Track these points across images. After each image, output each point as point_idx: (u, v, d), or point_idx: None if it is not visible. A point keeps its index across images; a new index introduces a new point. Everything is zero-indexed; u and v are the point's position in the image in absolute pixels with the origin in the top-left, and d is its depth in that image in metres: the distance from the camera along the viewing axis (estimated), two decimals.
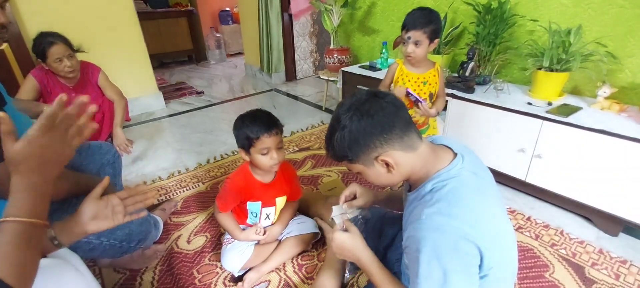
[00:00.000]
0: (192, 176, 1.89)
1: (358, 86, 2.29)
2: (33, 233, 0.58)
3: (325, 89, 2.81)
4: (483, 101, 1.58)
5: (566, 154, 1.37)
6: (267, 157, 1.07)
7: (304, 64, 3.93)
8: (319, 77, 3.32)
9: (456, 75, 1.76)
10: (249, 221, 1.24)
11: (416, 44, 1.18)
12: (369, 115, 0.69)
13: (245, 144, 1.07)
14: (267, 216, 1.25)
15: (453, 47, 2.01)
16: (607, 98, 1.41)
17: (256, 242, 1.23)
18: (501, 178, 1.63)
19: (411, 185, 0.78)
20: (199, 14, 5.09)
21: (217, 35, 5.14)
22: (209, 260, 1.28)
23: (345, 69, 2.33)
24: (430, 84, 1.30)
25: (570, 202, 1.43)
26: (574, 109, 1.41)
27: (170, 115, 2.90)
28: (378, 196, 1.03)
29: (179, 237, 1.40)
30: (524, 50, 1.56)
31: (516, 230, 1.39)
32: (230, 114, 2.86)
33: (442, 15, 1.90)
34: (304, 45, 3.88)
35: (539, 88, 1.55)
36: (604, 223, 1.37)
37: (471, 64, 1.69)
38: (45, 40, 1.79)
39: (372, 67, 2.27)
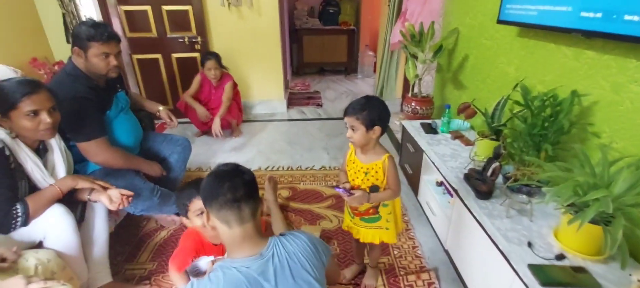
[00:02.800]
0: None
1: (407, 144, 2.16)
2: (57, 196, 1.22)
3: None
4: (476, 215, 1.27)
5: None
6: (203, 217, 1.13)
7: None
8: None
9: (480, 170, 1.44)
10: None
11: (353, 129, 1.18)
12: (213, 180, 0.85)
13: (183, 210, 1.24)
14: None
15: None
16: None
17: None
18: None
19: None
20: (359, 31, 5.64)
21: (370, 53, 5.55)
22: None
23: (405, 122, 2.23)
24: (372, 176, 1.22)
25: None
26: (581, 282, 0.95)
27: (284, 120, 3.61)
28: None
29: None
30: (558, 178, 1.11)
31: None
32: (321, 133, 3.25)
33: (503, 97, 1.56)
34: (427, 79, 3.70)
35: (564, 231, 1.09)
36: None
37: (494, 165, 1.35)
38: (205, 56, 2.86)
39: (431, 128, 2.08)
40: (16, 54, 2.20)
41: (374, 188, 1.23)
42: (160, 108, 2.07)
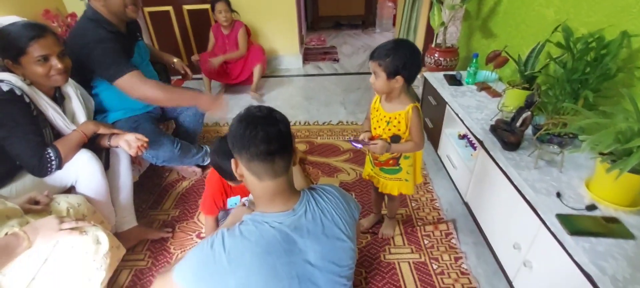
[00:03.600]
0: None
1: (429, 97, 2.08)
2: (82, 140, 1.24)
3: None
4: (502, 166, 1.22)
5: (554, 281, 0.96)
6: None
7: None
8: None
9: (508, 121, 1.36)
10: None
11: (375, 74, 1.10)
12: (245, 126, 0.75)
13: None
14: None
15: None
16: None
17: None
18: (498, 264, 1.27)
19: None
20: None
21: (389, 4, 5.22)
22: None
23: (427, 74, 2.12)
24: (394, 125, 1.17)
25: None
26: (613, 232, 0.91)
27: (300, 75, 3.53)
28: None
29: None
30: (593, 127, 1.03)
31: None
32: (337, 88, 3.16)
33: (539, 43, 1.43)
34: (452, 29, 3.47)
35: (598, 181, 1.04)
36: None
37: (525, 114, 1.27)
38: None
39: (456, 80, 1.97)
40: (28, 5, 2.18)
41: (396, 139, 1.19)
42: (175, 60, 2.03)
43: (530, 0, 1.73)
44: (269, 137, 0.74)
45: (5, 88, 1.08)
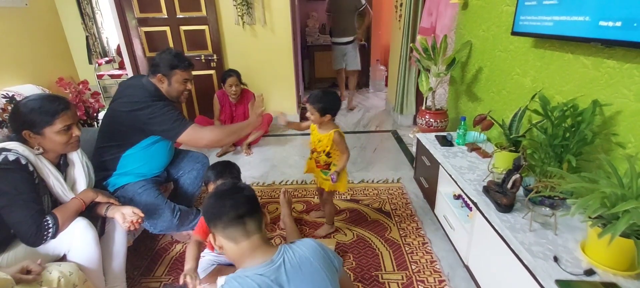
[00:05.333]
0: None
1: (422, 157, 2.14)
2: (81, 208, 1.25)
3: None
4: (497, 229, 1.24)
5: None
6: None
7: None
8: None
9: (499, 182, 1.41)
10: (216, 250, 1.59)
11: (311, 113, 1.56)
12: (214, 201, 0.90)
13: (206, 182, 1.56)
14: None
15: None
16: None
17: (214, 264, 1.60)
18: None
19: None
20: (370, 46, 5.70)
21: (381, 67, 5.58)
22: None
23: (420, 135, 2.22)
24: (323, 143, 1.64)
25: None
26: None
27: (297, 134, 3.63)
28: None
29: None
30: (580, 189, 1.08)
31: None
32: None
33: (520, 108, 1.54)
34: (440, 91, 3.69)
35: (592, 244, 1.05)
36: None
37: (515, 177, 1.32)
38: (227, 73, 2.96)
39: (447, 141, 2.05)
40: (44, 73, 2.31)
41: (328, 154, 1.66)
42: None
43: (509, 69, 1.88)
44: (236, 203, 0.87)
45: (11, 157, 1.12)
